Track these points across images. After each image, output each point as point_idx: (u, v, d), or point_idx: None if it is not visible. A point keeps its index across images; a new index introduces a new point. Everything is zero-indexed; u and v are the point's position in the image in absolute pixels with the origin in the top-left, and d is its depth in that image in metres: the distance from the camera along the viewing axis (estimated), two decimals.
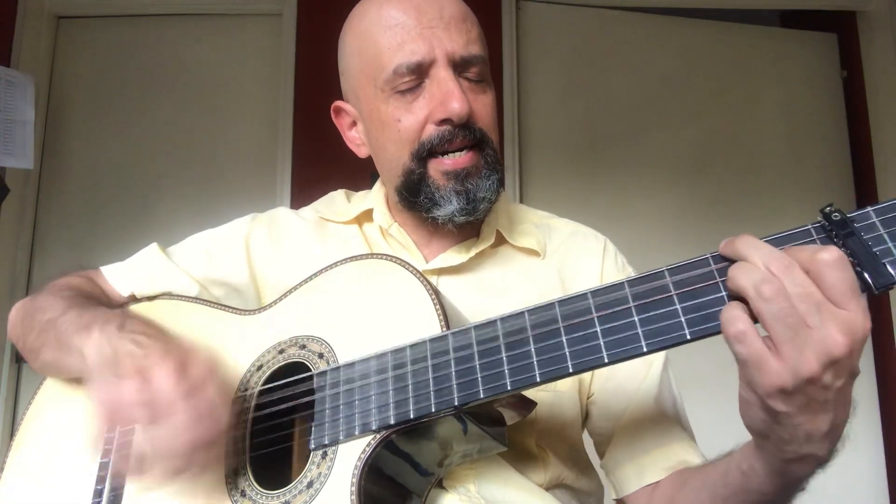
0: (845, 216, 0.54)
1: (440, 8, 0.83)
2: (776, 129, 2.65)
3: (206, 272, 0.97)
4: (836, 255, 0.51)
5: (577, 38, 2.62)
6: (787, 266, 0.52)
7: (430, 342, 0.68)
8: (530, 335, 0.63)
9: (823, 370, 0.51)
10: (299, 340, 0.79)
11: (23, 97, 2.22)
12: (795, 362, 0.51)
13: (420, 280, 0.74)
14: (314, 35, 2.47)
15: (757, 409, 0.56)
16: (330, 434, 0.70)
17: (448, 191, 0.84)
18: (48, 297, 0.87)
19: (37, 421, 0.88)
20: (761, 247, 0.54)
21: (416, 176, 0.85)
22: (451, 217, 0.85)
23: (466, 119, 0.82)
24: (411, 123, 0.83)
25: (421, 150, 0.83)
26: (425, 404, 0.65)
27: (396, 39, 0.82)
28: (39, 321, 0.85)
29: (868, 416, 2.44)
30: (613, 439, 0.87)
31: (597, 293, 0.62)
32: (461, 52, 0.83)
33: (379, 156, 0.91)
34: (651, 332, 0.58)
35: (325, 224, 1.00)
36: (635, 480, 0.83)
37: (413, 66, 0.81)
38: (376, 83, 0.84)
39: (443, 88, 0.81)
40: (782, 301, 0.51)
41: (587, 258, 0.94)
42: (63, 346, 0.79)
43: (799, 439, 0.55)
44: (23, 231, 2.42)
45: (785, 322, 0.51)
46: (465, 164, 0.83)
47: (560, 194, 2.48)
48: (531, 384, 0.62)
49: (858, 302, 0.51)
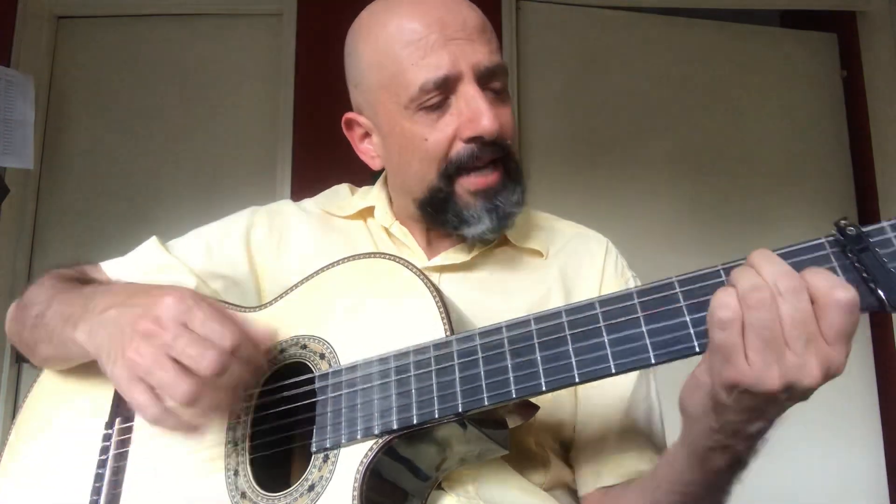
0: (861, 231, 0.53)
1: (462, 19, 0.82)
2: (776, 129, 2.65)
3: (205, 265, 0.96)
4: (851, 298, 0.50)
5: (577, 38, 2.62)
6: (795, 288, 0.51)
7: (434, 347, 0.68)
8: (536, 343, 0.63)
9: (784, 391, 0.52)
10: (300, 340, 0.78)
11: (23, 97, 2.22)
12: (760, 372, 0.51)
13: (423, 281, 0.74)
14: (314, 35, 2.47)
15: (703, 394, 0.57)
16: (332, 437, 0.69)
17: (479, 209, 0.83)
18: (35, 290, 0.87)
19: (32, 418, 0.88)
20: (776, 262, 0.53)
21: (442, 194, 0.84)
22: (482, 235, 0.85)
23: (496, 136, 0.81)
24: (439, 141, 0.82)
25: (449, 168, 0.82)
26: (429, 410, 0.65)
27: (420, 54, 0.80)
28: (29, 316, 0.85)
29: (868, 416, 2.45)
30: (579, 438, 0.87)
31: (605, 302, 0.61)
32: (486, 62, 0.81)
33: (400, 171, 0.90)
34: (659, 343, 0.57)
35: (328, 218, 0.99)
36: (591, 482, 0.84)
37: (440, 82, 0.80)
38: (399, 100, 0.82)
39: (471, 105, 0.80)
40: (764, 313, 0.51)
41: (589, 261, 0.94)
42: (57, 340, 0.80)
43: (726, 431, 0.57)
44: (23, 231, 2.41)
45: (759, 333, 0.51)
46: (493, 182, 0.83)
47: (559, 194, 2.47)
48: (537, 393, 0.62)
49: (847, 346, 0.51)
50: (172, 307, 0.65)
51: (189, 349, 0.63)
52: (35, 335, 0.84)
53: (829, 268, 0.54)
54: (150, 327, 0.65)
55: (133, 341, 0.65)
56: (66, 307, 0.79)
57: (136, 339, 0.65)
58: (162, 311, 0.65)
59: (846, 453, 2.42)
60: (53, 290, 0.84)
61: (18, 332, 0.89)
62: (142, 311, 0.67)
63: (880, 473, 2.41)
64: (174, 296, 0.67)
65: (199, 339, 0.64)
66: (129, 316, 0.68)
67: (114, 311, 0.71)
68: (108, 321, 0.70)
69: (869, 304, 0.52)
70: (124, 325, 0.68)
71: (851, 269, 0.53)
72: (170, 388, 0.63)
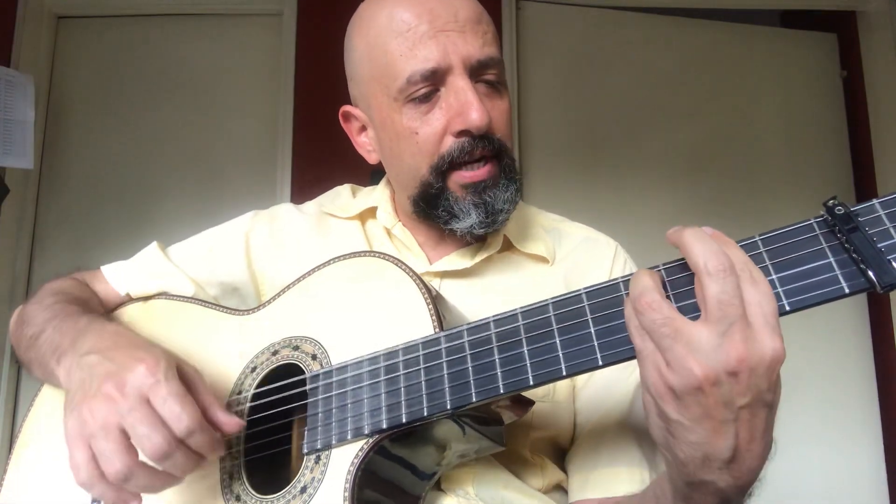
0: (849, 210, 0.51)
1: (454, 10, 0.80)
2: (776, 129, 2.65)
3: (204, 271, 0.96)
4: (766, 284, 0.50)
5: (577, 38, 2.61)
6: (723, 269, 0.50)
7: (423, 344, 0.67)
8: (524, 337, 0.62)
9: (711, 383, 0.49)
10: (292, 341, 0.78)
11: (23, 97, 2.22)
12: None
13: (413, 279, 0.73)
14: (314, 35, 2.48)
15: (654, 415, 0.54)
16: (323, 438, 0.69)
17: (467, 203, 0.82)
18: (34, 308, 0.87)
19: (37, 424, 0.87)
20: (707, 241, 0.52)
21: (434, 189, 0.83)
22: (469, 230, 0.83)
23: (485, 130, 0.79)
24: (429, 135, 0.81)
25: (441, 163, 0.81)
26: (417, 408, 0.65)
27: (408, 45, 0.79)
28: (25, 336, 0.84)
29: (868, 416, 2.45)
30: (574, 445, 0.85)
31: (591, 294, 0.60)
32: (477, 55, 0.80)
33: (393, 165, 0.89)
34: None
35: (326, 219, 0.99)
36: (577, 492, 0.81)
37: (428, 74, 0.78)
38: (389, 92, 0.81)
39: (460, 98, 0.78)
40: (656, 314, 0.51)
41: (596, 266, 0.91)
42: (45, 369, 0.79)
43: (696, 460, 0.52)
44: (23, 231, 2.42)
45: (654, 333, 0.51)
46: (483, 176, 0.81)
47: (559, 194, 2.48)
48: (524, 387, 0.61)
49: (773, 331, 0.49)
50: (139, 377, 0.64)
51: (139, 426, 0.62)
52: (29, 356, 0.84)
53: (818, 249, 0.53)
54: (112, 392, 0.64)
55: (94, 399, 0.64)
56: (57, 336, 0.78)
57: (97, 398, 0.64)
58: (129, 378, 0.64)
59: (846, 453, 2.42)
60: (51, 313, 0.83)
61: (16, 345, 0.89)
62: (114, 370, 0.66)
63: (880, 473, 2.41)
64: (148, 364, 0.65)
65: (154, 418, 0.62)
66: (102, 369, 0.67)
67: (93, 358, 0.70)
68: (85, 366, 0.69)
69: (859, 285, 0.51)
70: (95, 377, 0.67)
71: (841, 250, 0.52)
72: (106, 460, 0.62)
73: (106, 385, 0.65)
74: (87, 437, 0.63)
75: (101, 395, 0.64)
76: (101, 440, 0.62)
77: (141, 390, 0.63)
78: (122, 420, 0.63)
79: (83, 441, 0.63)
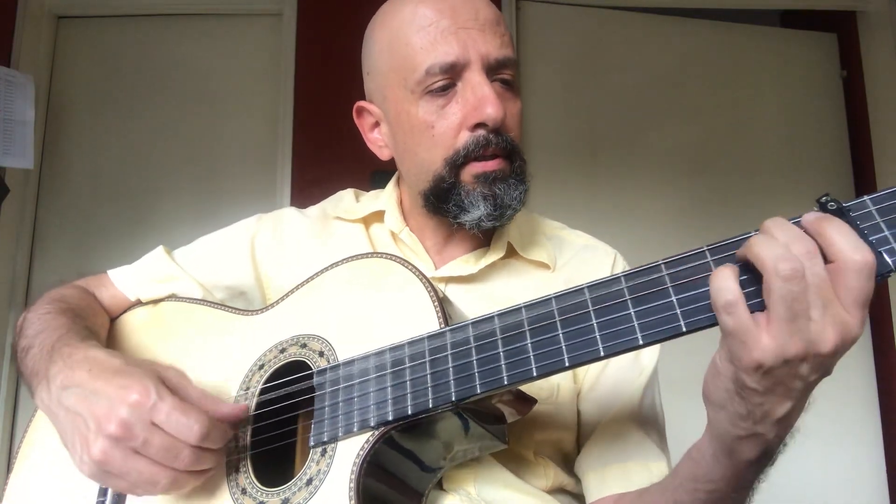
0: (841, 205, 0.54)
1: (475, 10, 0.82)
2: (776, 129, 2.65)
3: (210, 274, 0.97)
4: (869, 261, 0.50)
5: (577, 38, 2.62)
6: (809, 252, 0.51)
7: (429, 339, 0.68)
8: (527, 330, 0.63)
9: (804, 361, 0.51)
10: (300, 339, 0.79)
11: (23, 97, 2.22)
12: (783, 343, 0.50)
13: (420, 279, 0.74)
14: (314, 35, 2.47)
15: (726, 380, 0.56)
16: (329, 431, 0.70)
17: (476, 195, 0.82)
18: (31, 317, 0.86)
19: (42, 425, 0.87)
20: (788, 227, 0.53)
21: (447, 184, 0.83)
22: (477, 222, 0.84)
23: (500, 124, 0.80)
24: (445, 129, 0.82)
25: (456, 157, 0.82)
26: (423, 400, 0.66)
27: (430, 39, 0.81)
28: (21, 347, 0.84)
29: (868, 416, 2.45)
30: (585, 447, 0.85)
31: (593, 287, 0.62)
32: (495, 54, 0.81)
33: (406, 159, 0.89)
34: (647, 325, 0.58)
35: (329, 222, 1.00)
36: (595, 491, 0.82)
37: (447, 67, 0.80)
38: (407, 84, 0.83)
39: (477, 93, 0.80)
40: (797, 284, 0.50)
41: (596, 273, 0.92)
42: (30, 388, 0.78)
43: (755, 416, 0.55)
44: (23, 231, 2.41)
45: (791, 306, 0.50)
46: (494, 167, 0.82)
47: (559, 194, 2.48)
48: (528, 379, 0.62)
49: (863, 311, 0.51)
50: (136, 407, 0.65)
51: (161, 455, 0.65)
52: (23, 367, 0.83)
53: None
54: (118, 433, 0.64)
55: (99, 441, 0.65)
56: (39, 355, 0.78)
57: (103, 440, 0.64)
58: (127, 415, 0.64)
59: (846, 453, 2.42)
60: (43, 325, 0.83)
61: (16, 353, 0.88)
62: (106, 408, 0.65)
63: (880, 473, 2.41)
64: (136, 389, 0.65)
65: (169, 440, 0.65)
66: (91, 408, 0.66)
67: (74, 394, 0.68)
68: (67, 405, 0.68)
69: None
70: (87, 417, 0.66)
71: None
72: (148, 483, 0.66)
73: (107, 427, 0.64)
74: (117, 475, 0.66)
75: (106, 437, 0.65)
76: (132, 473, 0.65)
77: (143, 420, 0.65)
78: (142, 451, 0.65)
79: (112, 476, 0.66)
